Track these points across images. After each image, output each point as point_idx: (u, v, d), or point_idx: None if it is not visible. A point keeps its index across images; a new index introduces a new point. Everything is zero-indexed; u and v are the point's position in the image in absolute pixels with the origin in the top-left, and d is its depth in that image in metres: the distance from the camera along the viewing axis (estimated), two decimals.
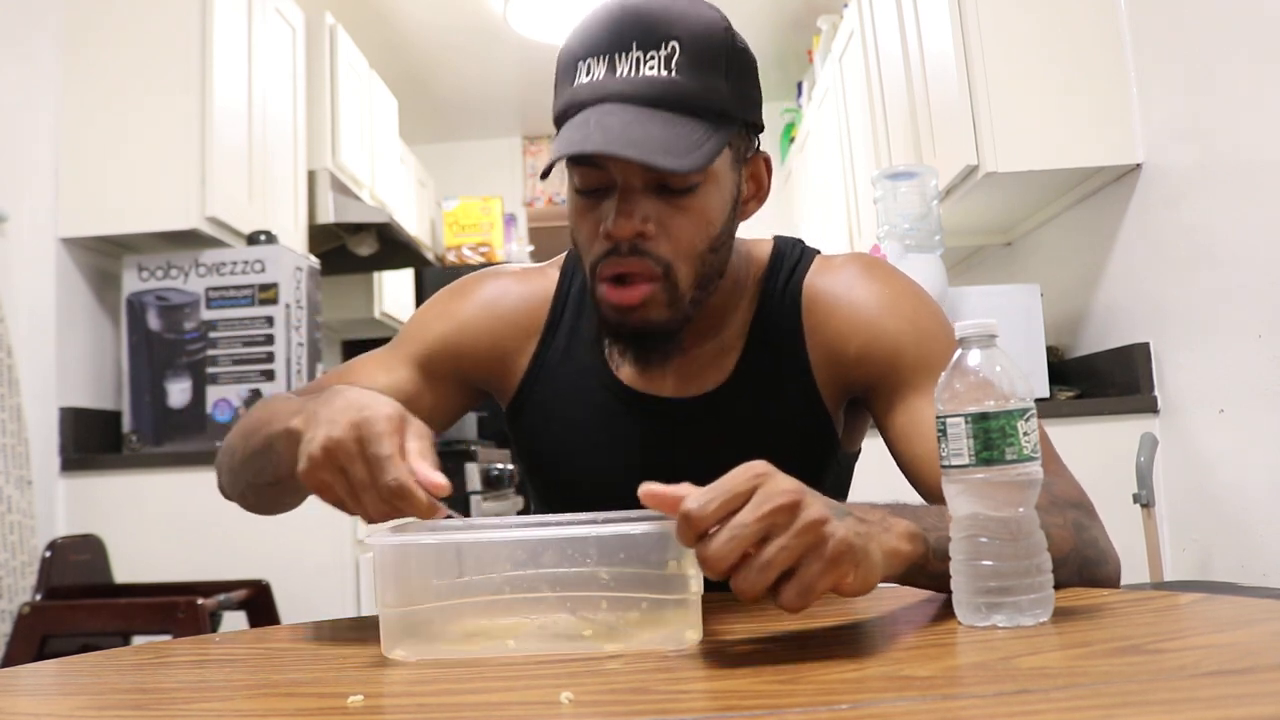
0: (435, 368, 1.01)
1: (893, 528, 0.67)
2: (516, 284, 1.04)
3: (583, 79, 0.85)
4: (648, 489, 0.60)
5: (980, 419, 0.63)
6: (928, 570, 0.69)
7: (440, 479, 0.68)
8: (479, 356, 1.01)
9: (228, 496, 0.99)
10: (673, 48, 0.83)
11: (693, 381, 0.96)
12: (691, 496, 0.58)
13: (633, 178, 0.84)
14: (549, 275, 1.04)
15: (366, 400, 0.72)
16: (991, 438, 0.62)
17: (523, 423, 1.03)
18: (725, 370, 0.96)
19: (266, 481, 0.87)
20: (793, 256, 1.00)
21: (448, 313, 1.03)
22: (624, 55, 0.83)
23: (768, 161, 0.95)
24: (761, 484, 0.59)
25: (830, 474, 1.01)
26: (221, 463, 0.97)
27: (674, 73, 0.83)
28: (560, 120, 0.87)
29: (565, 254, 1.04)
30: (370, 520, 0.71)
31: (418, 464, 0.69)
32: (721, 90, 0.85)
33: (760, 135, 0.93)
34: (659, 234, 0.85)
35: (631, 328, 0.88)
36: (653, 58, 0.83)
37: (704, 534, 0.58)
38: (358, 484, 0.69)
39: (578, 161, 0.85)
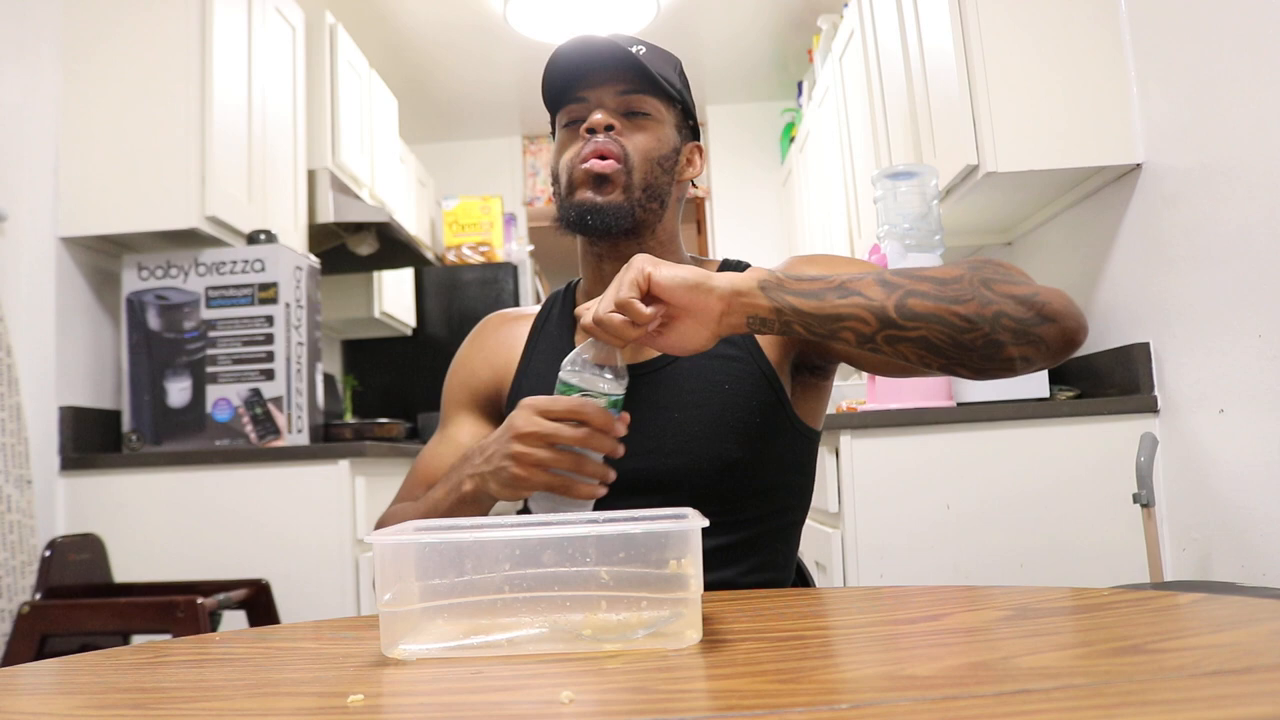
0: (482, 405, 1.21)
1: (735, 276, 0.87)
2: (505, 315, 1.27)
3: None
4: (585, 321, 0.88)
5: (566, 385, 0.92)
6: (770, 295, 0.87)
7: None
8: (491, 375, 1.21)
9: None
10: (639, 47, 1.10)
11: (646, 350, 1.11)
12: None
13: (608, 99, 1.10)
14: (531, 308, 1.27)
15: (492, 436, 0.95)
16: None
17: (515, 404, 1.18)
18: None
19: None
20: (740, 266, 1.19)
21: (460, 363, 1.25)
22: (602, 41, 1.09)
23: (701, 150, 1.20)
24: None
25: (783, 438, 1.10)
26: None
27: (640, 53, 1.09)
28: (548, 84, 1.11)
29: (548, 296, 1.27)
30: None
31: None
32: (674, 80, 1.12)
33: (698, 138, 1.19)
34: (624, 134, 1.09)
35: (593, 200, 1.07)
36: (623, 43, 1.09)
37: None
38: (569, 442, 0.89)
39: (565, 102, 1.11)
